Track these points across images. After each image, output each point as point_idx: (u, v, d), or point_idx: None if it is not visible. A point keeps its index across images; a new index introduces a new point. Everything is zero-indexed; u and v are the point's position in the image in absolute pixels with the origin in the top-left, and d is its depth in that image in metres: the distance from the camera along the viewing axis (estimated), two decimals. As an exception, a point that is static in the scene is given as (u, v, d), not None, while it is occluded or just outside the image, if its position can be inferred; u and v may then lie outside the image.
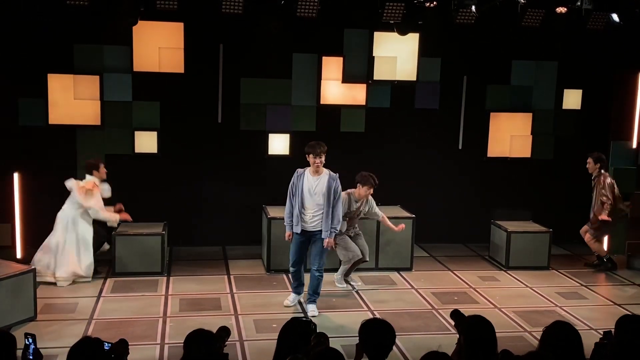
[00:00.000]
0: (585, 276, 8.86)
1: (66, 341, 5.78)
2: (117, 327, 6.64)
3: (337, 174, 7.11)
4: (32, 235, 8.53)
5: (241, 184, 9.53)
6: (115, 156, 9.01)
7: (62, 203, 7.97)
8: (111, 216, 8.16)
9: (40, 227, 8.29)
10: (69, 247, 7.87)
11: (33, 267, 7.00)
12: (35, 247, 8.05)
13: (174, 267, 8.68)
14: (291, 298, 7.39)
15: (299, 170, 7.18)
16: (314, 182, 7.05)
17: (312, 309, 7.11)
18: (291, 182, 7.16)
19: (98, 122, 9.09)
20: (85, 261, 7.94)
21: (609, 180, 8.76)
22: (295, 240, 7.19)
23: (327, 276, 7.44)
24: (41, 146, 8.98)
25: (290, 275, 7.52)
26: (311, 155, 7.02)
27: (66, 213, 7.94)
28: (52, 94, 8.94)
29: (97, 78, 9.02)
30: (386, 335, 3.84)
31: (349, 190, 7.77)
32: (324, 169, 7.10)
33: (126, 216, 8.27)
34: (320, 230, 7.06)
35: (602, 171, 8.80)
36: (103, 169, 8.13)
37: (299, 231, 7.10)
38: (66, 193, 7.98)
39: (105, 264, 8.43)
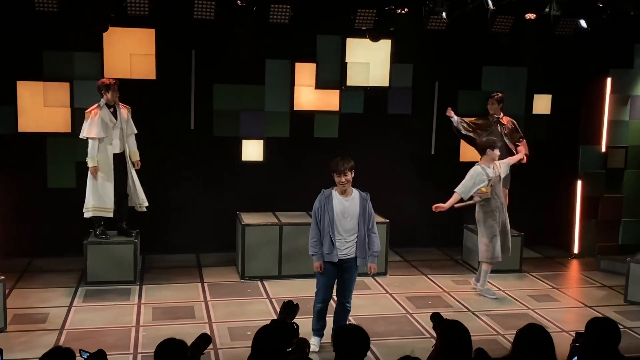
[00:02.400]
0: (557, 278, 8.97)
1: (37, 352, 5.68)
2: (89, 336, 6.56)
3: (369, 194, 6.35)
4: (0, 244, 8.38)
5: (215, 191, 9.49)
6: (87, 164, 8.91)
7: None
8: (91, 159, 7.96)
9: (8, 235, 8.16)
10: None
11: (2, 277, 6.88)
12: (3, 256, 7.91)
13: (146, 275, 8.59)
14: (315, 342, 6.35)
15: (325, 191, 6.27)
16: (345, 203, 6.19)
17: (316, 343, 6.36)
18: (317, 205, 6.22)
19: (69, 130, 8.97)
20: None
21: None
22: (327, 272, 6.23)
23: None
24: (11, 154, 8.84)
25: (315, 313, 6.40)
26: (335, 175, 6.14)
27: None
28: (22, 102, 8.81)
29: (67, 85, 8.91)
30: (359, 342, 3.83)
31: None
32: (353, 189, 6.26)
33: (94, 171, 8.00)
34: (354, 258, 6.26)
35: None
36: (112, 92, 7.96)
37: (335, 260, 6.18)
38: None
39: (77, 272, 8.32)
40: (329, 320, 6.47)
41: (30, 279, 8.34)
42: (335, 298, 6.49)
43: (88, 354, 3.81)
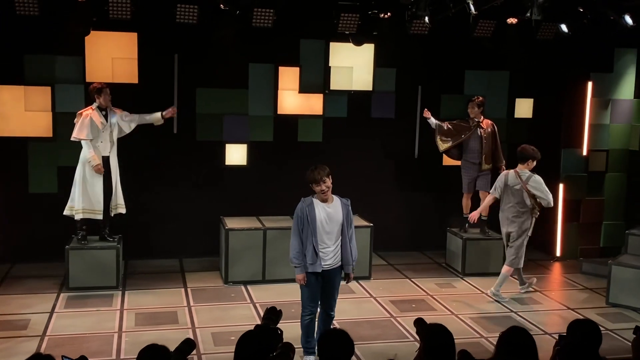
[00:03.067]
0: (540, 281, 9.01)
1: (18, 359, 5.63)
2: (71, 343, 6.50)
3: (349, 200, 6.21)
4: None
5: (198, 195, 9.45)
6: (69, 168, 8.78)
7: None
8: (92, 158, 7.96)
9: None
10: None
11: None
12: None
13: (129, 280, 8.53)
14: None
15: (305, 199, 6.06)
16: (328, 210, 6.00)
17: None
18: (298, 214, 6.00)
19: (50, 134, 8.89)
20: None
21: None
22: (312, 283, 6.02)
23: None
24: (-9, 159, 8.76)
25: (303, 328, 6.16)
26: (314, 185, 5.94)
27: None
28: (2, 106, 8.73)
29: (48, 89, 8.84)
30: (344, 346, 3.83)
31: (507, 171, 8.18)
32: (333, 195, 6.08)
33: (99, 168, 8.00)
34: (338, 267, 6.11)
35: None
36: (104, 96, 7.98)
37: (319, 270, 5.98)
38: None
39: (58, 278, 8.24)
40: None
41: (11, 284, 8.25)
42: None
43: None
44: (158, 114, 8.28)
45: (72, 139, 8.02)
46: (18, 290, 8.05)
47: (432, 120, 9.17)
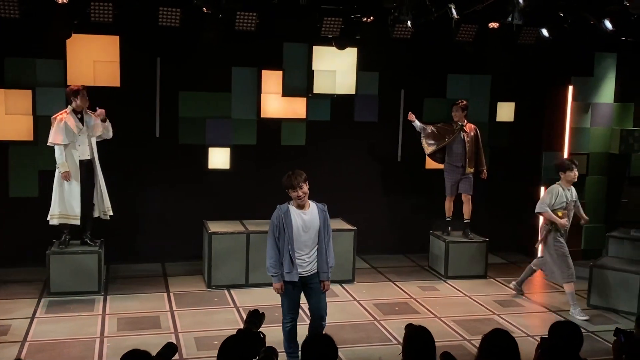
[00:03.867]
0: (522, 284, 9.05)
1: (-2, 365, 5.57)
2: (52, 348, 6.44)
3: (325, 205, 6.08)
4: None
5: (181, 199, 9.41)
6: (50, 172, 8.68)
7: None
8: (61, 165, 7.87)
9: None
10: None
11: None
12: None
13: (111, 285, 8.47)
14: None
15: (281, 206, 5.93)
16: (305, 217, 5.89)
17: None
18: (274, 222, 5.88)
19: (31, 138, 8.82)
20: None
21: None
22: (289, 292, 5.94)
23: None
24: (-30, 163, 8.67)
25: (285, 334, 6.08)
26: (290, 191, 5.84)
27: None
28: (-18, 109, 8.65)
29: (29, 92, 8.76)
30: (327, 350, 3.83)
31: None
32: (309, 201, 5.97)
33: (65, 176, 7.89)
34: (316, 273, 5.96)
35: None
36: (81, 98, 7.86)
37: (296, 279, 5.87)
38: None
39: (40, 283, 8.16)
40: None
41: (-9, 290, 8.16)
42: (307, 313, 6.31)
43: None
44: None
45: (48, 144, 7.94)
46: (-2, 296, 7.96)
47: (417, 123, 9.21)
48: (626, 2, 7.08)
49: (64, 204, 7.95)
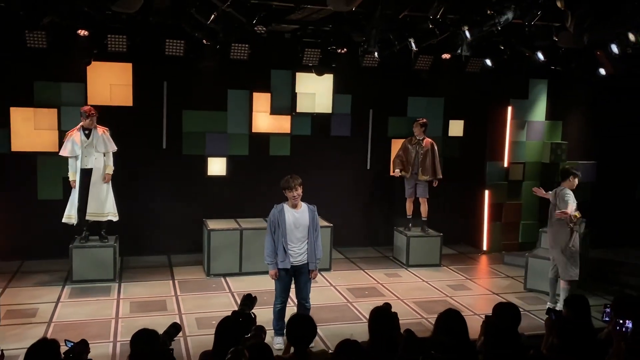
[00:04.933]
0: (470, 271, 9.13)
1: (27, 343, 5.39)
2: (75, 328, 6.35)
3: (315, 206, 6.14)
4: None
5: (184, 201, 9.34)
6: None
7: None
8: (70, 174, 7.89)
9: (2, 241, 7.84)
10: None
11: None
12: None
13: (124, 274, 8.37)
14: (279, 341, 6.04)
15: (277, 205, 6.01)
16: (296, 215, 5.96)
17: (279, 341, 6.01)
18: (271, 218, 5.98)
19: (56, 149, 8.64)
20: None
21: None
22: (282, 278, 6.00)
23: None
24: (5, 171, 8.55)
25: (275, 313, 6.13)
26: (287, 191, 5.91)
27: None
28: (15, 125, 8.52)
29: (55, 111, 8.66)
30: (308, 328, 3.83)
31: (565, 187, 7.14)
32: (302, 202, 6.03)
33: (70, 183, 7.89)
34: (306, 263, 6.03)
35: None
36: (89, 119, 7.77)
37: (288, 267, 5.94)
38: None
39: (63, 272, 8.05)
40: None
41: (22, 278, 8.03)
42: (295, 300, 6.31)
43: (72, 344, 3.68)
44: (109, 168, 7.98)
45: (59, 154, 7.95)
46: (28, 283, 7.84)
47: (397, 171, 9.17)
48: (555, 38, 7.21)
49: (68, 206, 7.94)
